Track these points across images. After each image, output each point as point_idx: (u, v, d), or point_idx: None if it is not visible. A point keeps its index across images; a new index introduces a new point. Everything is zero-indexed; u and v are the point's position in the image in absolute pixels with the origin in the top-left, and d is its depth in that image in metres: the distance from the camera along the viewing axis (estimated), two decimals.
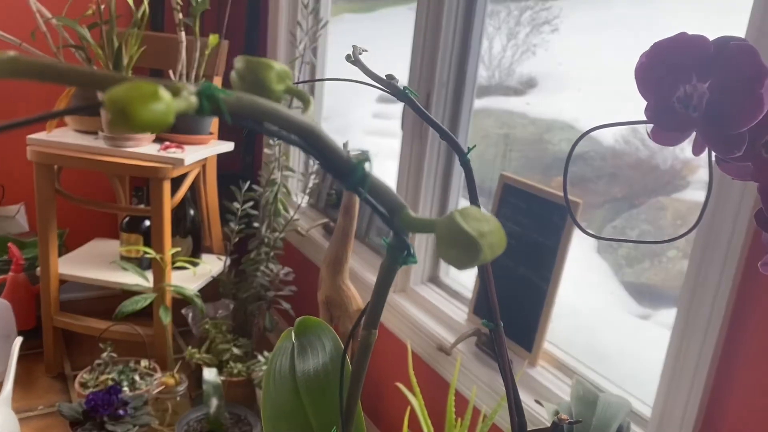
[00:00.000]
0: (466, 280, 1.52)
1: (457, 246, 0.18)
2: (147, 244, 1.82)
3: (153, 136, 1.78)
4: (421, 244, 1.54)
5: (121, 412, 1.50)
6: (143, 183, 1.99)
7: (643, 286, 1.34)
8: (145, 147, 1.73)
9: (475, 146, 0.48)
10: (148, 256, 1.70)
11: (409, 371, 1.17)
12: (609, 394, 0.72)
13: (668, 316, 1.31)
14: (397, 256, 0.23)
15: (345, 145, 1.59)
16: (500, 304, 0.53)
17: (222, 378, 1.70)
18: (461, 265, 0.19)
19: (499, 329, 0.51)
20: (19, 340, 1.55)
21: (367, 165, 0.20)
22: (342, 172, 0.19)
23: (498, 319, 0.51)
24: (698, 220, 0.55)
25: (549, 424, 0.72)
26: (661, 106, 0.48)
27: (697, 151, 0.53)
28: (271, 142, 1.82)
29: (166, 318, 1.68)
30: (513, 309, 1.28)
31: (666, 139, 0.50)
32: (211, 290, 1.95)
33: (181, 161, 1.68)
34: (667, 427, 0.93)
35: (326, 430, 0.57)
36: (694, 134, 0.53)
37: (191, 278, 1.88)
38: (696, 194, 1.25)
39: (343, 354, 0.35)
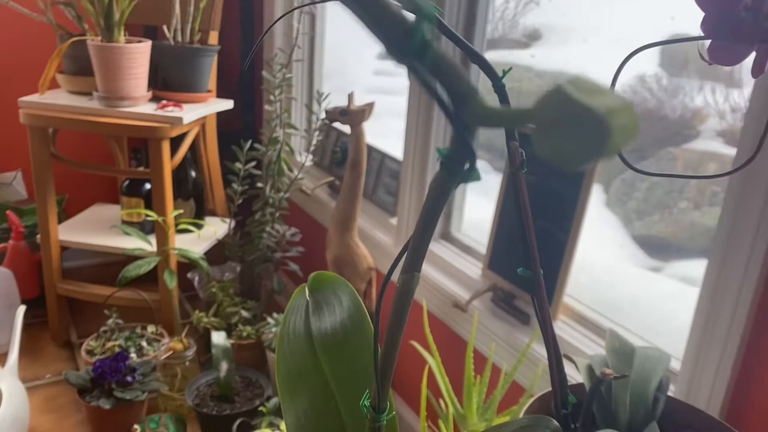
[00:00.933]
0: (478, 235, 1.47)
1: (574, 131, 0.12)
2: (148, 207, 1.77)
3: (150, 95, 1.71)
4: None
5: (129, 378, 1.47)
6: (141, 144, 1.93)
7: (654, 239, 1.31)
8: (141, 106, 1.66)
9: (511, 69, 0.42)
10: (149, 219, 1.65)
11: (425, 330, 1.12)
12: (646, 347, 0.67)
13: (680, 268, 1.29)
14: (456, 171, 0.17)
15: (350, 96, 1.52)
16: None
17: (231, 341, 1.66)
18: (578, 160, 0.13)
19: (539, 278, 0.45)
20: (22, 308, 1.52)
21: (428, 27, 0.13)
22: (393, 35, 0.13)
23: (538, 268, 0.45)
24: (758, 149, 0.49)
25: (580, 380, 0.68)
26: (725, 16, 0.42)
27: (756, 72, 0.47)
28: (271, 98, 1.75)
29: (171, 282, 1.64)
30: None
31: (727, 56, 0.44)
32: (216, 253, 1.91)
33: (179, 120, 1.61)
34: (700, 380, 0.89)
35: (346, 390, 0.52)
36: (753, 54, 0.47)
37: (196, 241, 1.84)
38: (707, 144, 1.22)
39: (377, 306, 0.29)
